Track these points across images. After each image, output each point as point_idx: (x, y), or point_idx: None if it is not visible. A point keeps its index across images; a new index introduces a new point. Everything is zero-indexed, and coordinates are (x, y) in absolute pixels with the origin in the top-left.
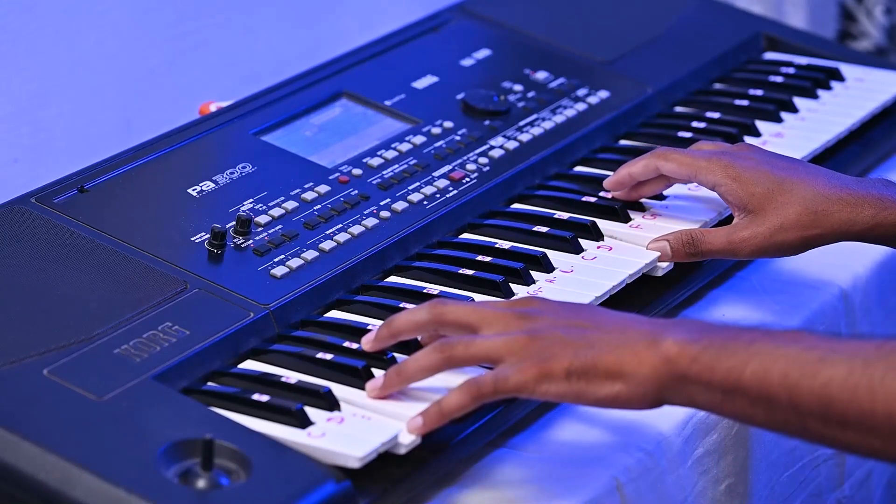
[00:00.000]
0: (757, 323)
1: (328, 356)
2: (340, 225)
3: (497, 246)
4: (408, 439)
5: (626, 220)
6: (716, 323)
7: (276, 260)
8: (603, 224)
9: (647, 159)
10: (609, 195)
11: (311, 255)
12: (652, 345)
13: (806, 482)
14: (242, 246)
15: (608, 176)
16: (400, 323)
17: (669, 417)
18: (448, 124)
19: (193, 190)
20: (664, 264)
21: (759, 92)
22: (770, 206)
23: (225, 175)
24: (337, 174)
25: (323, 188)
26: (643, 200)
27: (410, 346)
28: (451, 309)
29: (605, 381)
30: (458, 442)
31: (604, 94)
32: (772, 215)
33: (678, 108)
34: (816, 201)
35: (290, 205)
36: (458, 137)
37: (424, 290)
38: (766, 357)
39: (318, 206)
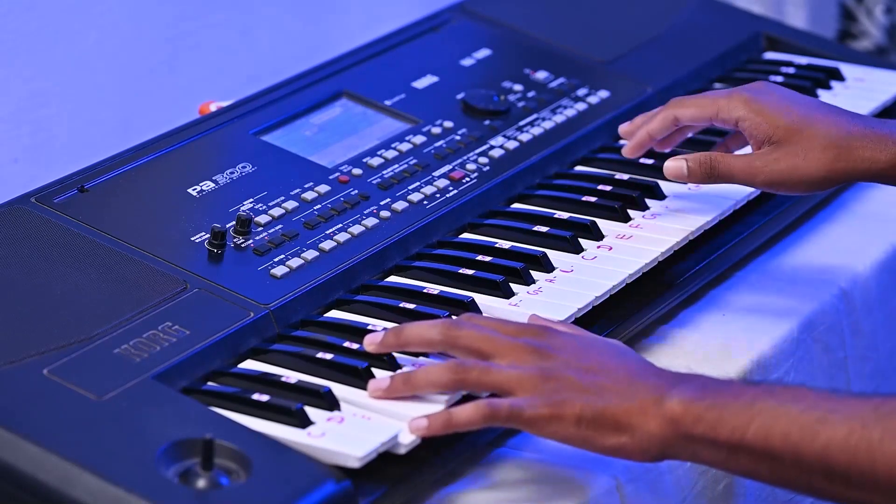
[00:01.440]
0: (757, 320)
1: (328, 356)
2: (340, 225)
3: (497, 246)
4: (408, 439)
5: (626, 219)
6: (718, 380)
7: (276, 260)
8: (603, 224)
9: (664, 112)
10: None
11: (311, 254)
12: (658, 402)
13: None
14: (242, 246)
15: (608, 176)
16: (410, 336)
17: None
18: (448, 124)
19: (193, 190)
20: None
21: None
22: (794, 139)
23: (225, 175)
24: (337, 174)
25: (323, 188)
26: (644, 200)
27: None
28: (464, 334)
29: (612, 432)
30: (458, 442)
31: (604, 94)
32: (796, 147)
33: None
34: (841, 136)
35: (290, 205)
36: (458, 137)
37: (424, 290)
38: (768, 417)
39: (318, 206)
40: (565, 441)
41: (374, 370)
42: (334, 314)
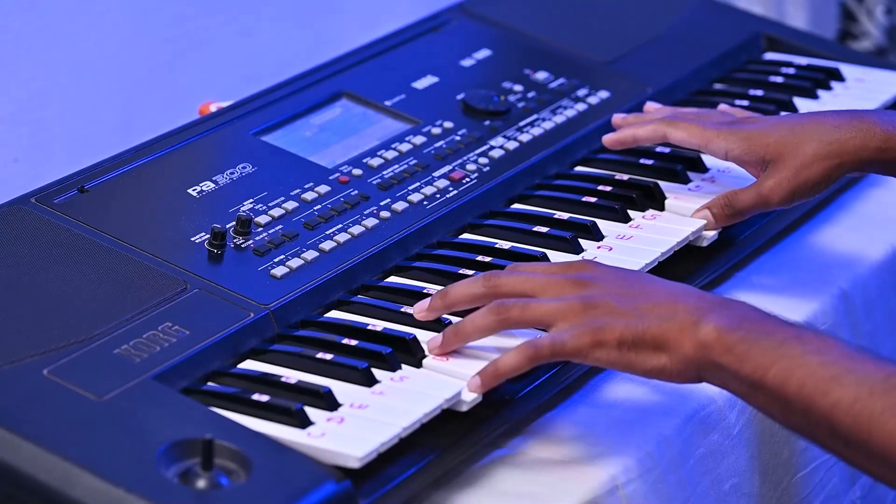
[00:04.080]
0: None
1: (328, 356)
2: (340, 225)
3: (497, 246)
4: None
5: (626, 220)
6: (758, 311)
7: (276, 260)
8: (603, 224)
9: (656, 125)
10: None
11: (311, 255)
12: (695, 325)
13: (822, 483)
14: (242, 246)
15: (608, 176)
16: (455, 295)
17: (668, 418)
18: (448, 124)
19: (193, 190)
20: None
21: (759, 92)
22: (786, 150)
23: (225, 175)
24: (337, 174)
25: (323, 188)
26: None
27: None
28: (505, 280)
29: (653, 353)
30: (458, 441)
31: (604, 94)
32: (790, 157)
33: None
34: (829, 133)
35: (290, 205)
36: (458, 137)
37: (424, 290)
38: (790, 362)
39: (318, 207)
40: (610, 366)
41: (374, 370)
42: (334, 314)
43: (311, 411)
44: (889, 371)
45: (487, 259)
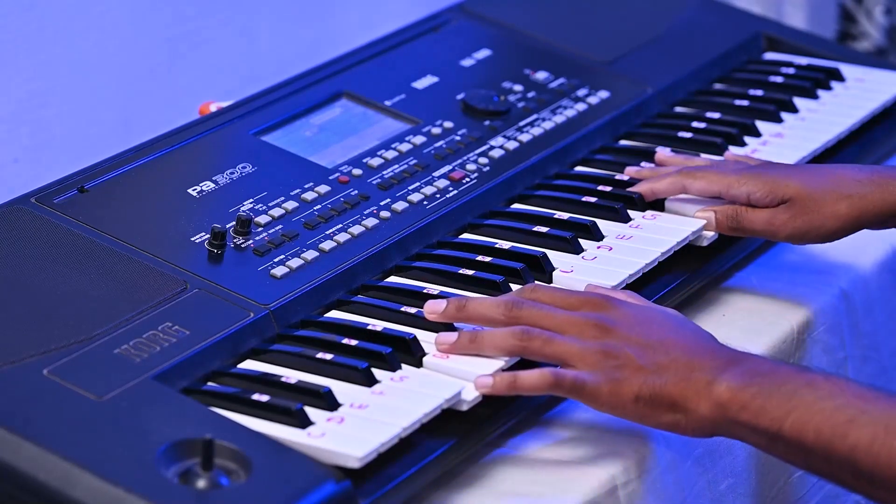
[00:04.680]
0: (757, 320)
1: (328, 356)
2: (340, 225)
3: (497, 246)
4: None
5: (626, 220)
6: (768, 363)
7: (276, 260)
8: (603, 224)
9: (674, 178)
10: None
11: (311, 255)
12: (709, 385)
13: (821, 483)
14: (242, 246)
15: (608, 176)
16: (473, 312)
17: None
18: (448, 124)
19: (193, 190)
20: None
21: (759, 92)
22: (808, 195)
23: (225, 175)
24: (337, 174)
25: (323, 188)
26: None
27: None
28: (526, 313)
29: (668, 411)
30: (458, 441)
31: (604, 94)
32: (810, 203)
33: (678, 109)
34: (850, 185)
35: (290, 205)
36: (458, 137)
37: (424, 290)
38: (805, 411)
39: (318, 206)
40: (622, 416)
41: (374, 370)
42: (334, 314)
43: (311, 411)
44: None
45: (487, 259)
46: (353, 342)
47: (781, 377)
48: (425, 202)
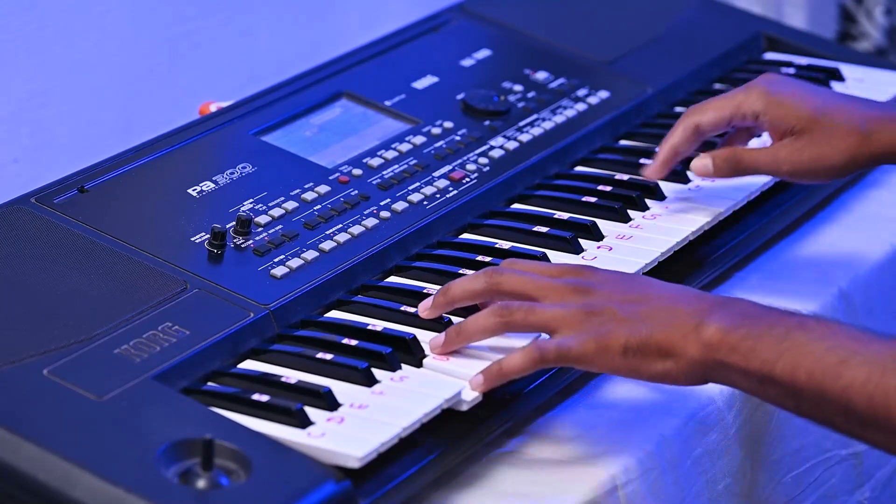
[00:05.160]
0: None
1: (328, 356)
2: (340, 225)
3: (497, 246)
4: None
5: (626, 220)
6: (757, 306)
7: (276, 260)
8: (603, 224)
9: (683, 123)
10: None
11: (311, 255)
12: (697, 328)
13: (817, 483)
14: (242, 246)
15: (608, 176)
16: (456, 291)
17: (668, 418)
18: (448, 124)
19: (193, 190)
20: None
21: None
22: (816, 128)
23: (225, 175)
24: (337, 174)
25: (323, 188)
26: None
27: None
28: (506, 279)
29: (658, 358)
30: (458, 441)
31: (604, 94)
32: (818, 136)
33: (678, 108)
34: (863, 121)
35: (290, 205)
36: (458, 137)
37: (424, 290)
38: (796, 353)
39: (318, 207)
40: (615, 372)
41: (374, 370)
42: (334, 314)
43: (311, 411)
44: None
45: (487, 259)
46: (353, 342)
47: (772, 319)
48: (425, 202)
